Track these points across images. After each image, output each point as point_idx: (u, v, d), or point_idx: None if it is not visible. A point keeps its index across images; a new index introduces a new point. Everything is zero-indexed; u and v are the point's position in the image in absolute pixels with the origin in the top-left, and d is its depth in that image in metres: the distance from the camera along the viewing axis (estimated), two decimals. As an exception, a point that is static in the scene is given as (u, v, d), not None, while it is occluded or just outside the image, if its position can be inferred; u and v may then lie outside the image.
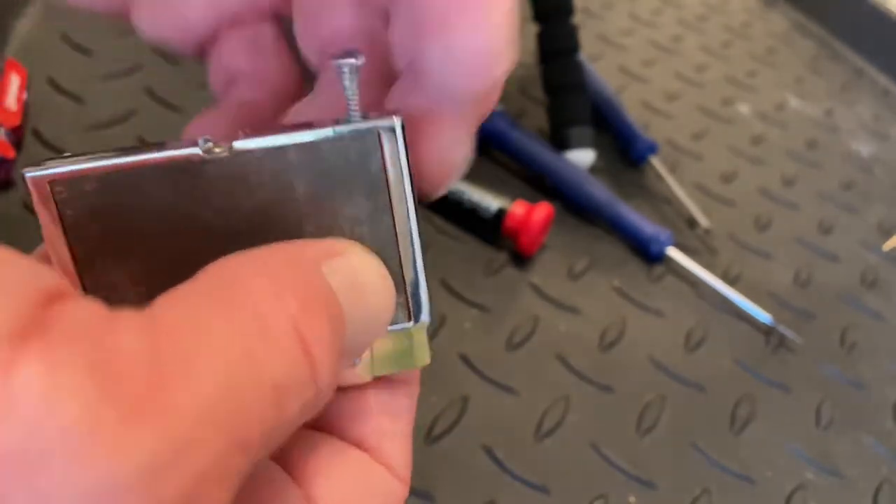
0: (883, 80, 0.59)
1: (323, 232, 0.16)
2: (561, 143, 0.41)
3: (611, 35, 0.54)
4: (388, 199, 0.16)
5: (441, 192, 0.18)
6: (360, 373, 0.18)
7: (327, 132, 0.15)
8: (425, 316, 0.18)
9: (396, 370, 0.18)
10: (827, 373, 0.36)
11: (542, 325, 0.34)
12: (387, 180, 0.16)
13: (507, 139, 0.40)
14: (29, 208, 0.31)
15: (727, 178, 0.45)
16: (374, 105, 0.18)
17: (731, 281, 0.39)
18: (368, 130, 0.16)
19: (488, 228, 0.36)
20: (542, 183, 0.40)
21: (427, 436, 0.28)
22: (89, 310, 0.10)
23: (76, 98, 0.36)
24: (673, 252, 0.38)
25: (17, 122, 0.32)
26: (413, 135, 0.17)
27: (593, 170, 0.41)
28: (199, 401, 0.10)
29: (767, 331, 0.36)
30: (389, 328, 0.18)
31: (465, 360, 0.31)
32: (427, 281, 0.18)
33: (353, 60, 0.15)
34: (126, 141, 0.35)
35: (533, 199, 0.36)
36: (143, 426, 0.09)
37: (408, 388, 0.19)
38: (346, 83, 0.16)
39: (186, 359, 0.10)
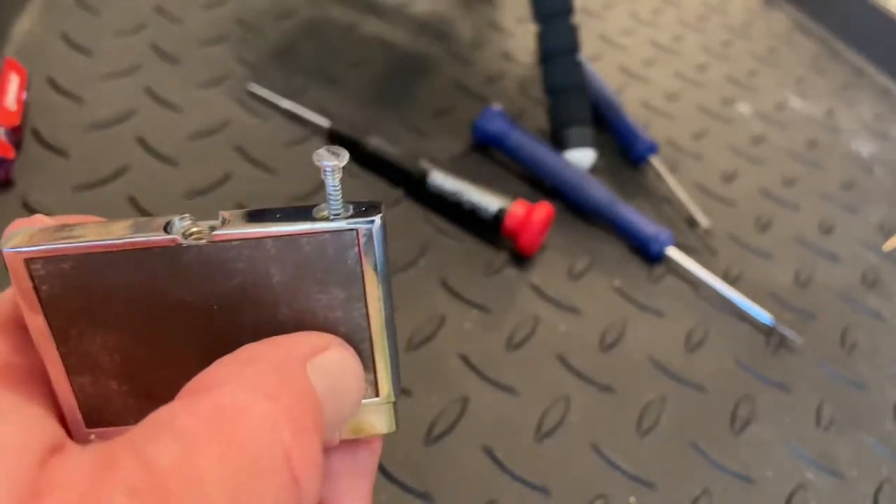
0: (883, 79, 0.59)
1: (297, 315, 0.16)
2: (561, 142, 0.41)
3: (611, 35, 0.54)
4: (362, 290, 0.17)
5: None
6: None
7: (306, 226, 0.16)
8: (393, 394, 0.18)
9: (362, 436, 0.19)
10: (827, 373, 0.36)
11: (542, 325, 0.33)
12: (362, 273, 0.16)
13: (507, 139, 0.40)
14: (29, 208, 0.31)
15: (727, 178, 0.45)
16: None
17: (732, 281, 0.39)
18: (347, 229, 0.16)
19: (488, 228, 0.36)
20: (542, 183, 0.40)
21: (427, 436, 0.28)
22: (84, 466, 0.11)
23: (75, 98, 0.36)
24: (673, 252, 0.38)
25: (16, 121, 0.32)
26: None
27: (593, 170, 0.41)
28: None
29: (768, 331, 0.36)
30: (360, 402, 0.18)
31: (465, 360, 0.31)
32: (396, 361, 0.18)
33: (335, 161, 0.16)
34: (126, 140, 0.35)
35: (533, 199, 0.36)
36: None
37: (370, 449, 0.20)
38: (329, 181, 0.16)
39: None
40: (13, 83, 0.34)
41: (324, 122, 0.39)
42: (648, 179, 0.43)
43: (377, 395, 0.18)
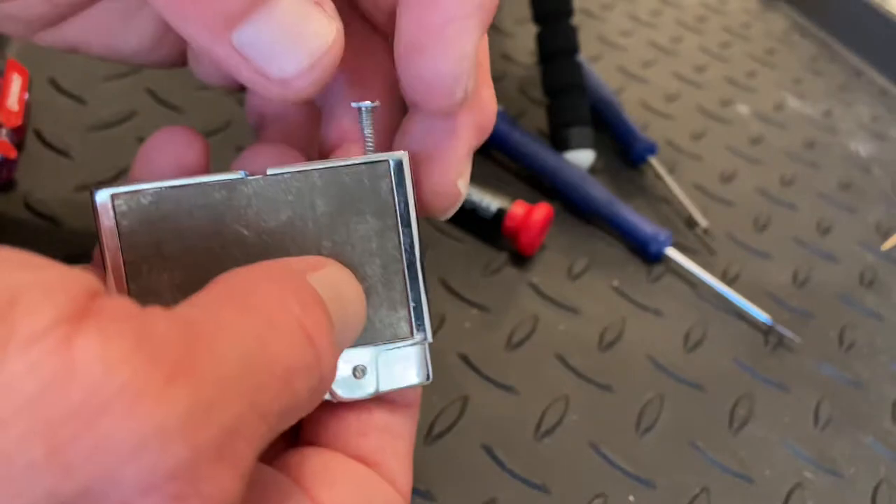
0: (881, 80, 0.59)
1: (337, 248, 0.18)
2: (560, 143, 0.41)
3: (610, 36, 0.54)
4: (395, 220, 0.19)
5: (448, 214, 0.21)
6: (365, 388, 0.19)
7: (347, 160, 0.18)
8: (427, 333, 0.20)
9: (400, 386, 0.20)
10: (825, 372, 0.36)
11: (541, 324, 0.34)
12: (394, 203, 0.19)
13: (507, 139, 0.40)
14: (31, 209, 0.31)
15: (726, 179, 0.46)
16: (384, 131, 0.21)
17: (730, 281, 0.39)
18: (380, 161, 0.18)
19: (488, 228, 0.36)
20: (541, 183, 0.40)
21: (427, 435, 0.28)
22: (126, 304, 0.12)
23: (77, 98, 0.36)
24: (672, 252, 0.38)
25: (18, 122, 0.32)
26: (421, 166, 0.20)
27: (593, 170, 0.42)
28: (223, 372, 0.12)
29: (766, 330, 0.37)
30: (393, 345, 0.19)
31: (464, 359, 0.31)
32: (428, 300, 0.19)
33: (368, 103, 0.19)
34: (128, 141, 0.35)
35: (533, 200, 0.36)
36: (180, 387, 0.11)
37: (409, 411, 0.21)
38: (364, 122, 0.19)
39: (210, 342, 0.12)
40: (15, 84, 0.34)
41: (324, 122, 0.39)
42: (647, 180, 0.43)
43: (412, 334, 0.19)
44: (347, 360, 0.19)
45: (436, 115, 0.20)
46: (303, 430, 0.20)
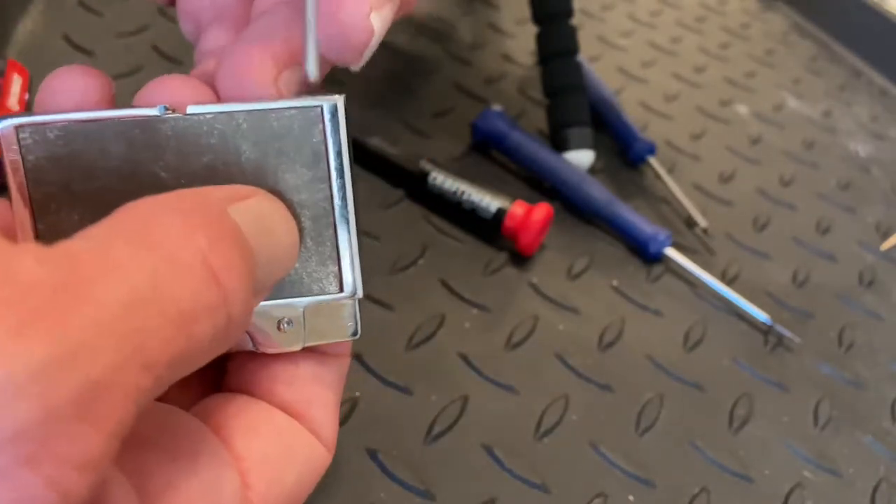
0: (881, 80, 0.59)
1: None
2: (560, 143, 0.41)
3: (610, 36, 0.54)
4: (326, 170, 0.17)
5: (357, 59, 0.19)
6: (292, 341, 0.19)
7: (276, 104, 0.17)
8: (357, 288, 0.19)
9: (327, 341, 0.19)
10: (825, 372, 0.36)
11: (541, 324, 0.34)
12: (326, 152, 0.17)
13: (507, 140, 0.40)
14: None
15: (725, 179, 0.46)
16: None
17: (730, 281, 0.39)
18: (313, 106, 0.17)
19: (488, 228, 0.36)
20: (541, 183, 0.41)
21: (427, 435, 0.28)
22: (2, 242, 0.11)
23: (78, 99, 0.36)
24: (671, 252, 0.38)
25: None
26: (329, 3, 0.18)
27: (592, 170, 0.42)
28: (97, 314, 0.11)
29: (765, 330, 0.37)
30: (321, 298, 0.18)
31: (464, 359, 0.31)
32: (360, 254, 0.18)
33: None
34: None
35: (532, 200, 0.36)
36: (34, 335, 0.10)
37: (338, 361, 0.20)
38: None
39: (90, 282, 0.11)
40: (16, 84, 0.34)
41: (324, 122, 0.39)
42: (647, 180, 0.43)
43: (341, 289, 0.18)
44: (274, 313, 0.18)
45: None
46: (227, 376, 0.20)
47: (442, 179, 0.36)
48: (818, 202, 0.46)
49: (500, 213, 0.35)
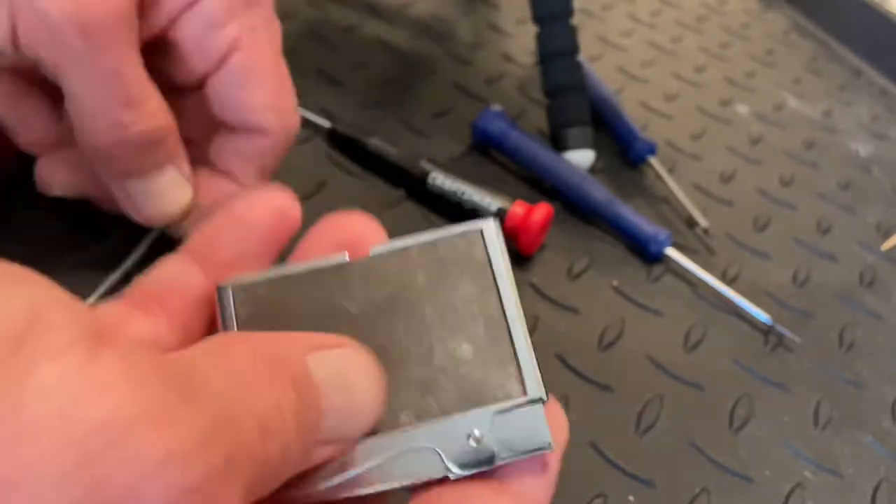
0: (881, 80, 0.59)
1: (440, 311, 0.19)
2: (560, 143, 0.41)
3: (610, 36, 0.54)
4: (493, 281, 0.19)
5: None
6: (482, 458, 0.18)
7: (442, 232, 0.20)
8: (542, 392, 0.18)
9: (521, 455, 0.18)
10: (825, 372, 0.36)
11: (541, 324, 0.34)
12: (490, 266, 0.20)
13: (507, 139, 0.40)
14: (38, 205, 0.31)
15: (726, 179, 0.46)
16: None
17: (730, 281, 0.39)
18: (474, 230, 0.20)
19: (488, 228, 0.36)
20: (541, 183, 0.40)
21: (427, 435, 0.28)
22: (130, 335, 0.13)
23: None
24: (672, 252, 0.38)
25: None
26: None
27: (592, 170, 0.42)
28: (219, 404, 0.13)
29: (766, 330, 0.37)
30: (507, 405, 0.18)
31: (464, 359, 0.31)
32: (536, 357, 0.19)
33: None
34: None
35: (532, 200, 0.36)
36: (193, 410, 0.12)
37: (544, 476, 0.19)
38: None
39: (204, 378, 0.13)
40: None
41: (325, 123, 0.39)
42: (647, 180, 0.43)
43: (524, 392, 0.18)
44: (460, 427, 0.18)
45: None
46: None
47: (442, 179, 0.36)
48: (818, 202, 0.46)
49: (501, 213, 0.35)
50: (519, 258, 0.36)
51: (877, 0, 0.61)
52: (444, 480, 0.17)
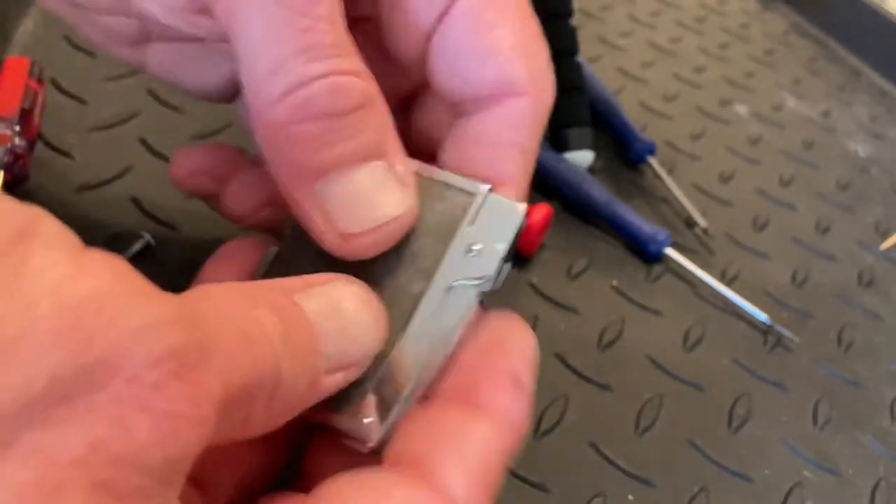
0: (880, 80, 0.59)
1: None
2: (560, 143, 0.41)
3: (609, 36, 0.54)
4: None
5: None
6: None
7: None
8: (475, 187, 0.21)
9: (514, 233, 0.21)
10: (824, 372, 0.36)
11: (541, 324, 0.34)
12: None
13: (507, 140, 0.40)
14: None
15: (725, 179, 0.46)
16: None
17: (729, 280, 0.39)
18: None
19: (488, 228, 0.36)
20: (541, 183, 0.41)
21: (427, 434, 0.28)
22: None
23: (79, 99, 0.36)
24: (671, 252, 0.38)
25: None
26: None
27: (592, 170, 0.42)
28: (185, 307, 0.14)
29: (765, 330, 0.37)
30: (469, 217, 0.20)
31: (464, 359, 0.31)
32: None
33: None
34: (129, 142, 0.35)
35: (532, 200, 0.36)
36: (171, 302, 0.13)
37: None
38: None
39: (179, 297, 0.14)
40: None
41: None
42: (647, 180, 0.43)
43: (471, 203, 0.21)
44: (458, 258, 0.20)
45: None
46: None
47: (442, 179, 0.36)
48: (818, 202, 0.46)
49: (500, 214, 0.35)
50: (519, 258, 0.36)
51: (876, 0, 0.61)
52: (481, 307, 0.20)
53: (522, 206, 0.20)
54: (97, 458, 0.11)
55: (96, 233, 0.31)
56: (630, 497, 0.29)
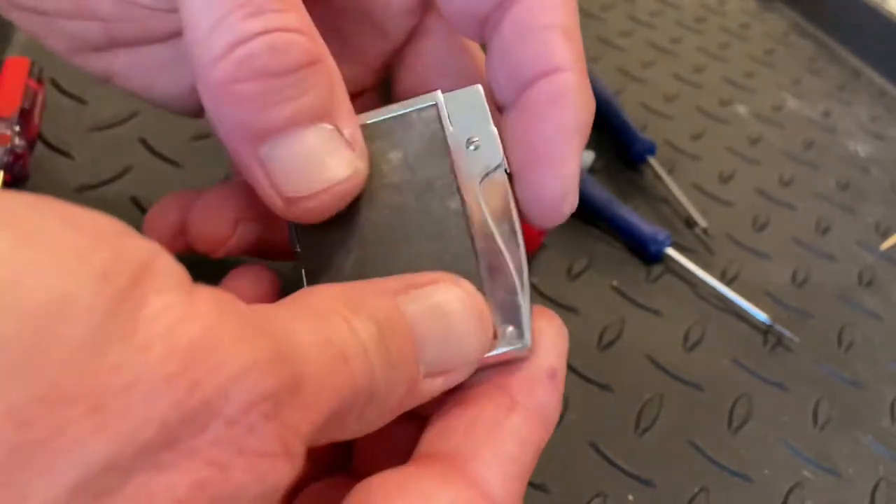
0: (880, 80, 0.59)
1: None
2: (560, 143, 0.41)
3: (610, 36, 0.54)
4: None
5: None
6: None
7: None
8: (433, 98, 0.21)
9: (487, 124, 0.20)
10: (824, 372, 0.36)
11: (541, 324, 0.34)
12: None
13: (507, 140, 0.40)
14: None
15: (725, 179, 0.46)
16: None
17: (729, 281, 0.39)
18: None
19: (488, 228, 0.36)
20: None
21: (427, 434, 0.28)
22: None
23: (78, 99, 0.36)
24: (671, 252, 0.38)
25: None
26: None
27: (592, 170, 0.42)
28: (278, 338, 0.14)
29: (765, 330, 0.37)
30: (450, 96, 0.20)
31: (464, 359, 0.31)
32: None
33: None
34: (129, 142, 0.35)
35: (532, 200, 0.36)
36: (264, 338, 0.14)
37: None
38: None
39: (274, 318, 0.15)
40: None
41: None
42: (647, 180, 0.43)
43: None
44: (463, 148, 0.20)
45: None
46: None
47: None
48: (818, 202, 0.46)
49: (500, 214, 0.35)
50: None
51: (876, 0, 0.61)
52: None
53: (477, 85, 0.20)
54: (199, 498, 0.12)
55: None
56: (630, 497, 0.29)
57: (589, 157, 0.41)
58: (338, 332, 0.15)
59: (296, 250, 0.20)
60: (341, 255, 0.20)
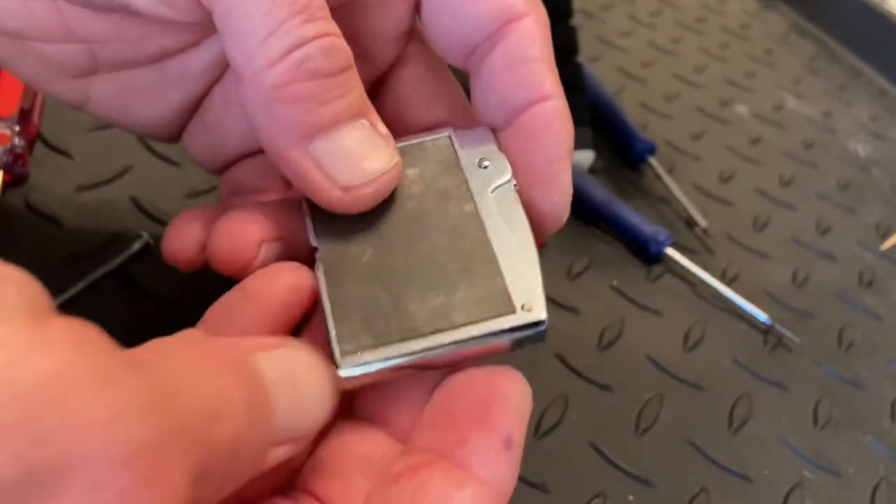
0: (881, 80, 0.59)
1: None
2: (560, 143, 0.41)
3: (610, 36, 0.54)
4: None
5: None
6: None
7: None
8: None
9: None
10: (824, 372, 0.36)
11: (541, 324, 0.34)
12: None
13: (507, 140, 0.40)
14: (32, 209, 0.31)
15: (725, 179, 0.46)
16: None
17: (729, 281, 0.39)
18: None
19: (488, 228, 0.36)
20: (541, 183, 0.40)
21: (427, 434, 0.28)
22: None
23: (78, 99, 0.36)
24: (671, 252, 0.38)
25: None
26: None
27: (592, 170, 0.42)
28: (167, 382, 0.13)
29: (765, 330, 0.37)
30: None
31: (464, 359, 0.31)
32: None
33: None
34: (129, 141, 0.35)
35: (532, 200, 0.36)
36: (139, 377, 0.12)
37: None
38: None
39: (146, 361, 0.13)
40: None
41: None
42: (647, 180, 0.43)
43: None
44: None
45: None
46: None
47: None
48: (818, 202, 0.46)
49: (500, 213, 0.35)
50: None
51: (876, 0, 0.61)
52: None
53: (485, 126, 0.23)
54: None
55: (95, 233, 0.31)
56: (630, 497, 0.29)
57: (589, 157, 0.41)
58: (209, 386, 0.14)
59: (313, 245, 0.21)
60: (359, 249, 0.20)
